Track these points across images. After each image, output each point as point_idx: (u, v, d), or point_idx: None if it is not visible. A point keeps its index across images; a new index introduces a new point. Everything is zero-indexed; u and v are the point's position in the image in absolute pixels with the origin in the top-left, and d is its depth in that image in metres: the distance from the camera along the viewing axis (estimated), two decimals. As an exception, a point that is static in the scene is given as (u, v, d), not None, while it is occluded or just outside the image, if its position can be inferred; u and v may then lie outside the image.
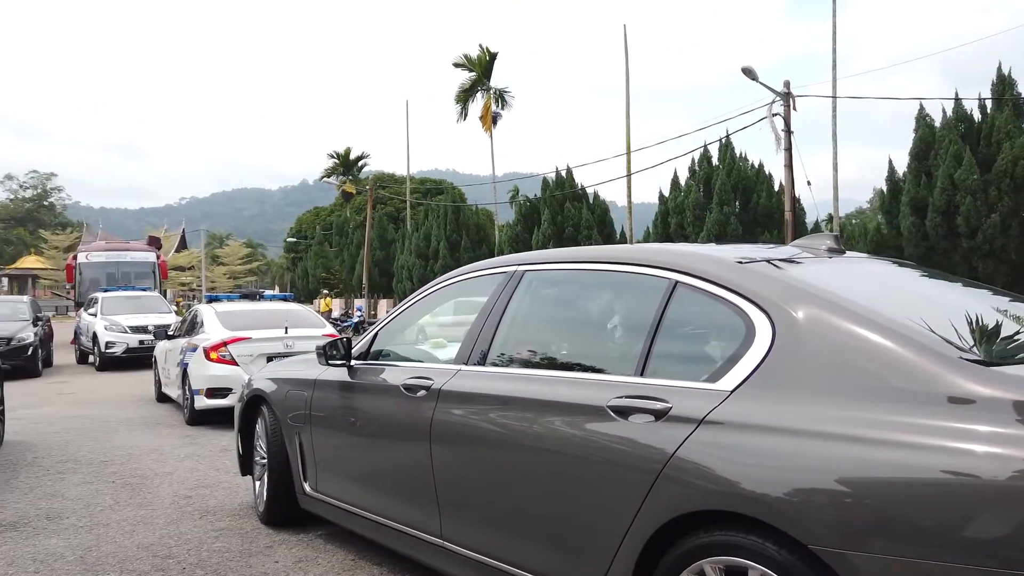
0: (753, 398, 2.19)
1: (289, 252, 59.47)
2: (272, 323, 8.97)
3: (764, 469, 2.04)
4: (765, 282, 2.42)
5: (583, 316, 3.27)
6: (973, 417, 1.81)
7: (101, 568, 3.93)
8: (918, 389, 1.93)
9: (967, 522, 1.72)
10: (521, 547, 2.79)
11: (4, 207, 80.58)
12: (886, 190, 21.78)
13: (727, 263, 2.58)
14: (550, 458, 2.65)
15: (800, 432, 2.03)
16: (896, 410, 1.93)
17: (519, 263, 3.38)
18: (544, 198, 28.69)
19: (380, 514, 3.65)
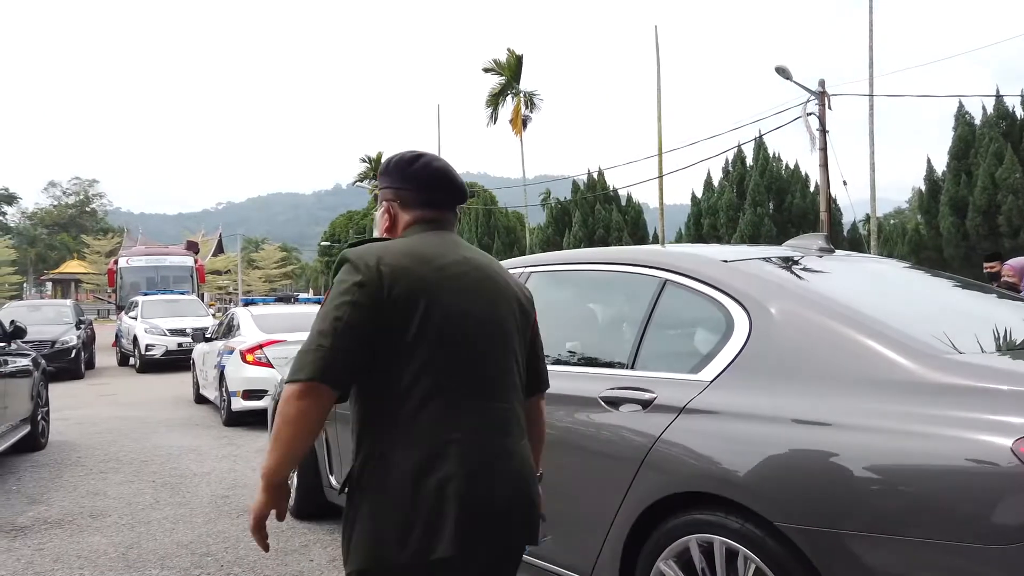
0: (729, 387, 2.33)
1: (323, 256, 60.15)
2: (306, 326, 8.98)
3: (735, 453, 2.18)
4: (746, 279, 2.56)
5: (581, 314, 3.41)
6: (932, 403, 1.91)
7: (142, 565, 4.04)
8: (881, 377, 2.04)
9: (919, 501, 1.82)
10: None
11: (48, 213, 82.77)
12: (925, 189, 21.37)
13: (712, 262, 2.74)
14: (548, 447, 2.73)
15: (768, 418, 2.17)
16: (859, 397, 2.04)
17: (525, 265, 3.56)
18: (575, 200, 28.66)
19: None
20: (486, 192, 51.88)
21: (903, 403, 1.95)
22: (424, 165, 1.91)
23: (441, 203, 1.92)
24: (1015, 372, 1.99)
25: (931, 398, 1.92)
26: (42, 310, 16.62)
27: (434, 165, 1.92)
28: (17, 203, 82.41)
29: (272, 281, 60.65)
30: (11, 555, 4.24)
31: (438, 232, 1.87)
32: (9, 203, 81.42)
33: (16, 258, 61.87)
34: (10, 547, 4.38)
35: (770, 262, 2.83)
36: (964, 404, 1.87)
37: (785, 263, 2.86)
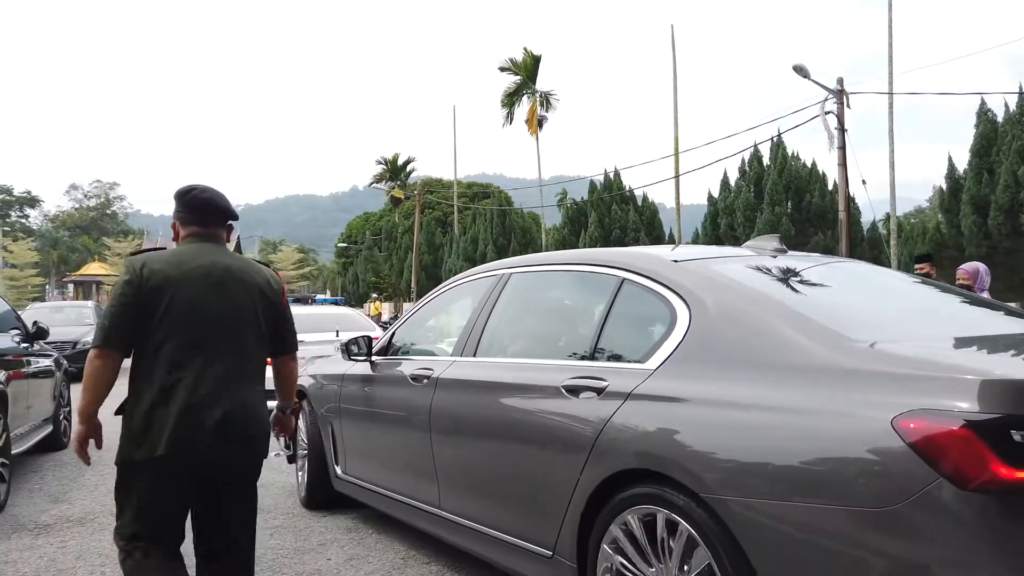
0: (670, 374, 2.59)
1: (340, 257, 60.46)
2: (324, 327, 9.14)
3: (669, 433, 2.45)
4: (690, 277, 2.83)
5: (552, 310, 3.73)
6: (834, 385, 2.14)
7: (162, 563, 4.07)
8: (795, 363, 2.29)
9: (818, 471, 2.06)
10: (496, 511, 3.26)
11: (70, 216, 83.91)
12: (946, 188, 21.15)
13: (664, 262, 3.01)
14: (517, 432, 3.12)
15: (697, 401, 2.44)
16: (774, 381, 2.29)
17: (507, 267, 3.86)
18: (591, 200, 28.61)
19: (395, 491, 4.09)
20: (501, 193, 51.94)
21: (810, 386, 2.20)
22: (193, 196, 2.76)
23: (207, 222, 2.75)
24: (906, 357, 2.18)
25: (833, 381, 2.16)
26: (64, 311, 16.83)
27: (201, 196, 2.75)
28: (40, 206, 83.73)
29: (290, 282, 61.03)
30: (34, 552, 4.30)
31: (201, 243, 2.73)
32: (32, 206, 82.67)
33: (39, 260, 62.74)
34: (33, 544, 4.44)
35: (718, 261, 3.09)
36: (859, 386, 2.09)
37: (732, 263, 3.13)
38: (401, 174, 52.12)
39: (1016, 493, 1.80)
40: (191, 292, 2.59)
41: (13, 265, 59.55)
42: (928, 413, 1.90)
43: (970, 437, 1.82)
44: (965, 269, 7.05)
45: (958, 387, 1.93)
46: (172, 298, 2.56)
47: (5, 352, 5.85)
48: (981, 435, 1.82)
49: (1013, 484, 1.79)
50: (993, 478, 1.79)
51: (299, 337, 3.35)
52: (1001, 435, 1.81)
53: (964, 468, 1.82)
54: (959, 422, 1.84)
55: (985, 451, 1.81)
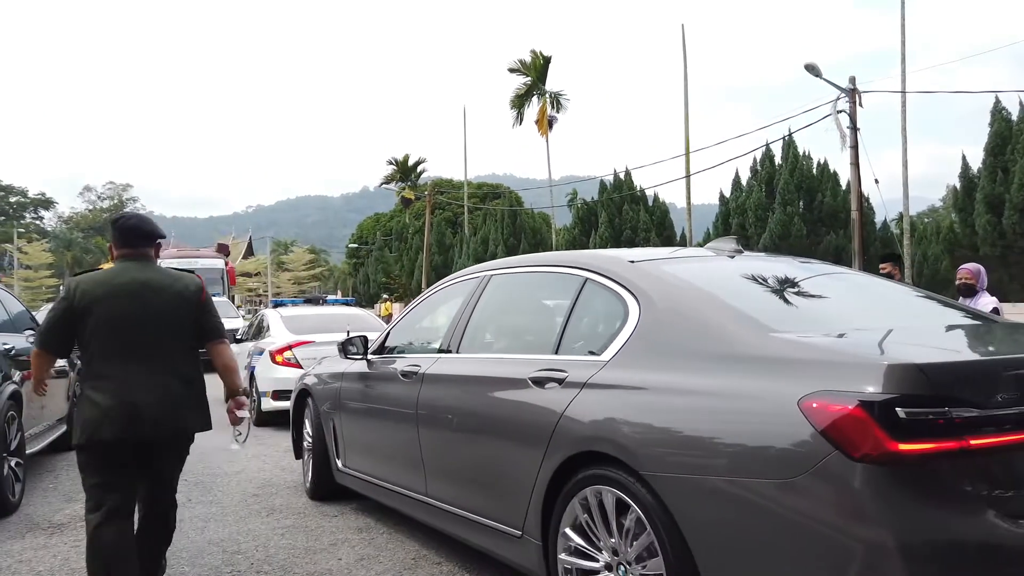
0: (620, 365, 2.83)
1: (351, 258, 60.64)
2: (335, 327, 9.15)
3: (615, 418, 2.70)
4: (643, 276, 3.07)
5: (524, 309, 3.99)
6: (753, 371, 2.38)
7: (175, 561, 4.09)
8: (723, 352, 2.53)
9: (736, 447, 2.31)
10: (473, 495, 3.52)
11: (84, 217, 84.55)
12: (960, 187, 21.00)
13: (622, 262, 3.24)
14: (490, 422, 3.40)
15: (640, 388, 2.69)
16: (705, 368, 2.54)
17: (489, 270, 4.12)
18: (601, 201, 28.57)
19: (388, 481, 4.34)
20: (512, 193, 51.95)
21: (734, 372, 2.44)
22: (121, 223, 3.39)
23: (133, 245, 3.34)
24: (816, 346, 2.42)
25: (754, 368, 2.40)
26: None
27: (127, 223, 3.38)
28: (54, 208, 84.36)
29: (301, 283, 61.23)
30: (48, 551, 4.33)
31: (127, 263, 3.30)
32: (46, 208, 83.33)
33: (53, 261, 63.26)
34: (47, 543, 4.48)
35: (671, 262, 3.37)
36: (775, 372, 2.33)
37: (685, 263, 3.41)
38: (412, 175, 52.22)
39: (898, 463, 2.02)
40: (113, 306, 3.19)
41: (28, 266, 60.11)
42: (827, 394, 2.13)
43: (860, 414, 2.05)
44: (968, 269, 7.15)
45: (855, 371, 2.15)
46: (97, 313, 3.18)
47: (19, 352, 5.90)
48: (870, 412, 2.03)
49: (896, 455, 2.01)
50: (878, 450, 2.01)
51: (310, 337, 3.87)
52: (888, 412, 2.03)
53: (854, 441, 2.04)
54: (853, 402, 2.06)
55: (873, 426, 2.03)
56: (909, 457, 2.01)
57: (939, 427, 2.03)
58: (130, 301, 3.20)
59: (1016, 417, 2.09)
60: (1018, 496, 2.08)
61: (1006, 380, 2.18)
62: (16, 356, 5.78)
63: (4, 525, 4.88)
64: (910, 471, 2.04)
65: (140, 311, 3.21)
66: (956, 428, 2.03)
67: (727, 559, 2.33)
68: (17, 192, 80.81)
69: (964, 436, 2.03)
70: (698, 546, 2.37)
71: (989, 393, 2.12)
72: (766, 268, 3.50)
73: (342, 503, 5.22)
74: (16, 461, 5.36)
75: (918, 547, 1.99)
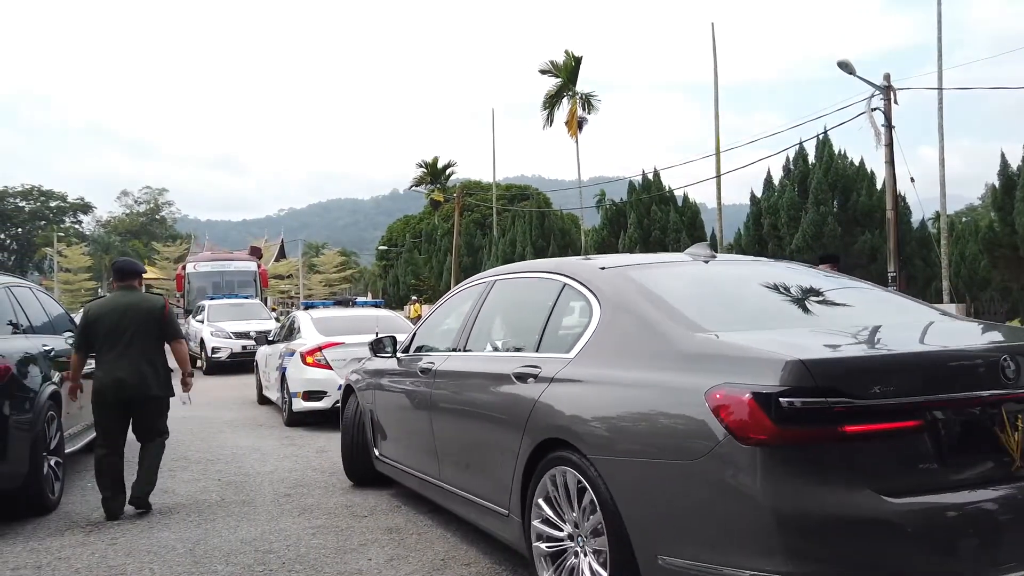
0: (581, 361, 3.20)
1: (381, 260, 61.02)
2: (364, 328, 9.22)
3: (572, 408, 3.10)
4: (607, 281, 3.42)
5: (516, 311, 4.35)
6: (677, 366, 2.74)
7: (208, 560, 4.16)
8: (658, 350, 2.89)
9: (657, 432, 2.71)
10: (474, 479, 3.94)
11: (121, 221, 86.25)
12: (998, 185, 20.48)
13: (593, 269, 3.62)
14: (484, 413, 3.81)
15: (592, 382, 3.07)
16: (643, 364, 2.92)
17: (495, 275, 4.58)
18: (630, 202, 28.41)
19: (412, 467, 4.77)
20: (540, 194, 51.86)
21: (663, 367, 2.80)
22: (116, 266, 5.47)
23: (122, 279, 5.34)
24: (730, 344, 2.69)
25: (679, 363, 2.76)
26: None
27: (119, 266, 5.41)
28: (92, 212, 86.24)
29: (332, 285, 61.74)
30: (86, 549, 4.42)
31: (118, 291, 5.31)
32: (85, 212, 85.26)
33: (91, 264, 64.60)
34: (85, 541, 4.57)
35: (636, 268, 3.63)
36: (693, 366, 2.67)
37: (650, 269, 3.67)
38: (441, 177, 52.41)
39: (782, 446, 2.34)
40: (109, 319, 5.16)
41: (67, 269, 61.48)
42: (726, 386, 2.46)
43: (751, 404, 2.37)
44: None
45: (753, 366, 2.47)
46: (101, 323, 5.17)
47: (59, 354, 6.03)
48: (759, 402, 2.35)
49: (780, 439, 2.33)
50: (765, 434, 2.33)
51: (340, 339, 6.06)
52: (774, 402, 2.33)
53: (745, 427, 2.37)
54: (746, 393, 2.39)
55: (761, 414, 2.34)
56: (791, 441, 2.34)
57: (818, 416, 2.34)
58: (119, 316, 5.14)
59: (888, 408, 2.40)
60: (888, 476, 2.37)
61: (882, 375, 2.45)
62: (56, 357, 5.91)
63: (43, 523, 5.00)
64: (792, 453, 2.35)
65: (124, 322, 5.13)
66: (834, 417, 2.34)
67: (650, 531, 2.69)
68: (57, 197, 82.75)
69: (840, 424, 2.34)
70: (630, 520, 2.74)
71: (866, 387, 2.39)
72: (729, 271, 3.88)
73: (372, 504, 5.26)
74: (55, 460, 5.48)
75: (796, 518, 2.31)
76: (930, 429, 2.44)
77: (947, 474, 2.45)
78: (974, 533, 2.40)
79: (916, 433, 2.43)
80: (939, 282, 19.91)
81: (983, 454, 2.53)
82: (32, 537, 4.68)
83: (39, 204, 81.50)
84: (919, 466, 2.43)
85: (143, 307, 5.20)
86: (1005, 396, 2.54)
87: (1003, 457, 2.52)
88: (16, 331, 5.58)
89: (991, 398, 2.54)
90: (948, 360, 2.68)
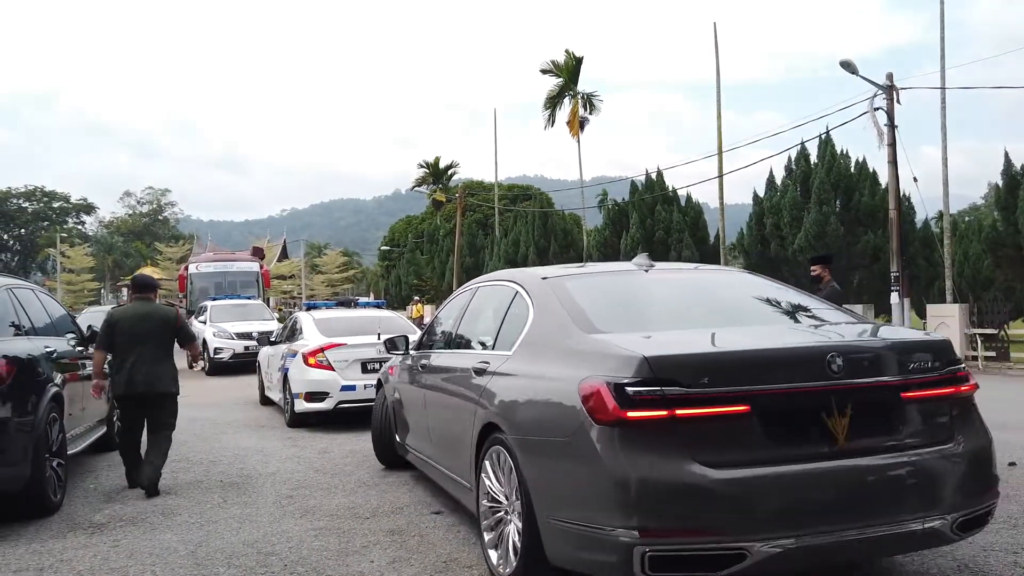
0: (515, 358, 3.85)
1: (383, 260, 61.02)
2: (366, 329, 9.22)
3: (502, 397, 3.77)
4: (544, 289, 4.04)
5: (484, 314, 4.86)
6: (569, 362, 3.35)
7: (210, 562, 4.15)
8: (563, 347, 3.52)
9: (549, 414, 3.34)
10: (451, 457, 4.55)
11: (124, 222, 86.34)
12: (1002, 184, 20.44)
13: (536, 278, 4.24)
14: (455, 400, 4.44)
15: (519, 375, 3.73)
16: (549, 358, 3.56)
17: (479, 282, 5.22)
18: (633, 201, 28.38)
19: (419, 451, 5.37)
20: (542, 194, 51.78)
21: (562, 362, 3.41)
22: (135, 280, 6.51)
23: (139, 292, 6.27)
24: (609, 342, 3.25)
25: (572, 358, 3.36)
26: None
27: (138, 281, 6.44)
28: (95, 213, 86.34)
29: (335, 285, 61.72)
30: (88, 551, 4.42)
31: (138, 302, 6.20)
32: (88, 213, 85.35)
33: (94, 265, 64.72)
34: (87, 543, 4.57)
35: (572, 277, 4.23)
36: (580, 361, 3.26)
37: (583, 278, 4.30)
38: (443, 177, 52.37)
39: (626, 426, 2.92)
40: (128, 325, 5.95)
41: (70, 270, 61.54)
42: (591, 378, 3.06)
43: (604, 391, 2.97)
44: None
45: (612, 362, 3.06)
46: (120, 328, 5.95)
47: (62, 355, 6.04)
48: (609, 390, 2.95)
49: (625, 420, 2.92)
50: (613, 417, 2.93)
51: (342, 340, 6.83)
52: (620, 391, 2.93)
53: (598, 410, 2.98)
54: (602, 383, 2.99)
55: (610, 400, 2.94)
56: (634, 422, 2.91)
57: (656, 402, 2.89)
58: (136, 322, 5.96)
59: (715, 396, 2.91)
60: (714, 452, 2.90)
61: (712, 369, 2.97)
62: (58, 359, 5.91)
63: (46, 524, 5.00)
64: (635, 432, 2.91)
65: (142, 327, 5.95)
66: (668, 402, 2.89)
67: (545, 498, 3.26)
68: (60, 198, 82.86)
69: (673, 408, 2.88)
70: (534, 490, 3.31)
71: (696, 378, 2.91)
72: (658, 279, 4.40)
73: (375, 505, 5.26)
74: (58, 462, 5.48)
75: (643, 483, 2.87)
76: (759, 414, 2.93)
77: (773, 451, 2.93)
78: (795, 500, 2.90)
79: (744, 417, 2.92)
80: (942, 282, 19.86)
81: (810, 436, 3.00)
82: (34, 539, 4.68)
83: (42, 205, 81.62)
84: (745, 444, 2.92)
85: (158, 316, 6.06)
86: (831, 387, 3.00)
87: (828, 439, 2.98)
88: (18, 333, 5.58)
89: (817, 388, 3.00)
90: (776, 356, 3.16)
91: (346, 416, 8.80)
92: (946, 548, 4.08)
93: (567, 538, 3.11)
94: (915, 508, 3.01)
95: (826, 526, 2.90)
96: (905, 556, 3.94)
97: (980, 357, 15.52)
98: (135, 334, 5.84)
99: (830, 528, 2.90)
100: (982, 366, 15.29)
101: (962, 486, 3.14)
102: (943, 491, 3.10)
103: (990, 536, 4.25)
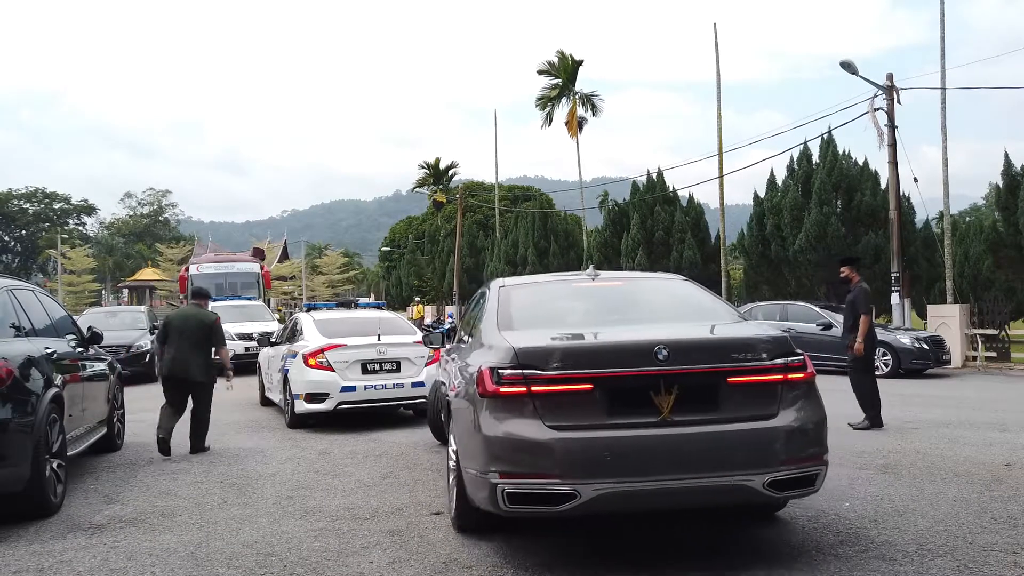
0: (466, 347, 4.92)
1: (384, 261, 61.04)
2: (366, 330, 9.22)
3: (450, 376, 5.00)
4: (495, 294, 4.99)
5: (471, 312, 5.69)
6: (478, 353, 4.40)
7: (210, 563, 4.15)
8: (484, 340, 4.52)
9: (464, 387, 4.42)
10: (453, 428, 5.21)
11: (124, 223, 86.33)
12: (1002, 185, 20.42)
13: (497, 285, 5.21)
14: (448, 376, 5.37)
15: (463, 358, 4.72)
16: (477, 349, 4.52)
17: (486, 286, 5.66)
18: (633, 202, 28.38)
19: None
20: (543, 195, 51.79)
21: (479, 351, 4.42)
22: (193, 290, 10.27)
23: (194, 299, 8.32)
24: (507, 338, 4.20)
25: (488, 349, 4.32)
26: (118, 316, 17.31)
27: (196, 291, 8.56)
28: (96, 214, 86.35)
29: (335, 286, 61.72)
30: (88, 552, 4.42)
31: (191, 306, 8.19)
32: (89, 214, 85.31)
33: (95, 266, 64.68)
34: (87, 544, 4.57)
35: (520, 286, 5.29)
36: (488, 352, 4.25)
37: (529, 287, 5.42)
38: (443, 178, 52.39)
39: (497, 398, 3.90)
40: (179, 324, 7.60)
41: (71, 271, 61.53)
42: (485, 364, 4.03)
43: (486, 373, 3.96)
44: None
45: (500, 352, 4.07)
46: (173, 327, 7.61)
47: (62, 357, 6.04)
48: (490, 373, 3.95)
49: (497, 394, 3.90)
50: (490, 391, 3.92)
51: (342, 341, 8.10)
52: (496, 372, 3.93)
53: (481, 386, 3.97)
54: (487, 367, 3.99)
55: (489, 380, 3.94)
56: (503, 395, 3.88)
57: (518, 381, 3.85)
58: (184, 322, 7.59)
59: (563, 377, 3.81)
60: (560, 418, 3.79)
61: (561, 357, 3.87)
62: (58, 360, 5.91)
63: (46, 526, 5.00)
64: (503, 402, 3.89)
65: (189, 327, 7.54)
66: (527, 382, 3.84)
67: (461, 451, 4.33)
68: (61, 199, 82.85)
69: (530, 386, 3.84)
70: (459, 444, 4.42)
71: (548, 363, 3.84)
72: (596, 286, 5.13)
73: (374, 506, 5.26)
74: (58, 463, 5.48)
75: (503, 439, 3.83)
76: (601, 391, 3.82)
77: (610, 419, 3.80)
78: (620, 456, 3.70)
79: (588, 393, 3.81)
80: (943, 282, 19.82)
81: (640, 409, 3.81)
82: (34, 540, 4.68)
83: (43, 206, 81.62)
84: (588, 413, 3.81)
85: (199, 318, 7.63)
86: (658, 372, 3.80)
87: (655, 411, 3.80)
88: (18, 334, 5.59)
89: (645, 372, 3.81)
90: (613, 348, 4.02)
91: (346, 417, 8.80)
92: (946, 548, 4.08)
93: (472, 481, 4.06)
94: (727, 467, 3.74)
95: (643, 476, 3.69)
96: (905, 556, 3.94)
97: (981, 357, 15.51)
98: (180, 331, 7.50)
99: (647, 479, 3.70)
100: (983, 366, 15.27)
101: (778, 453, 3.78)
102: (757, 456, 3.77)
103: (990, 536, 4.26)
